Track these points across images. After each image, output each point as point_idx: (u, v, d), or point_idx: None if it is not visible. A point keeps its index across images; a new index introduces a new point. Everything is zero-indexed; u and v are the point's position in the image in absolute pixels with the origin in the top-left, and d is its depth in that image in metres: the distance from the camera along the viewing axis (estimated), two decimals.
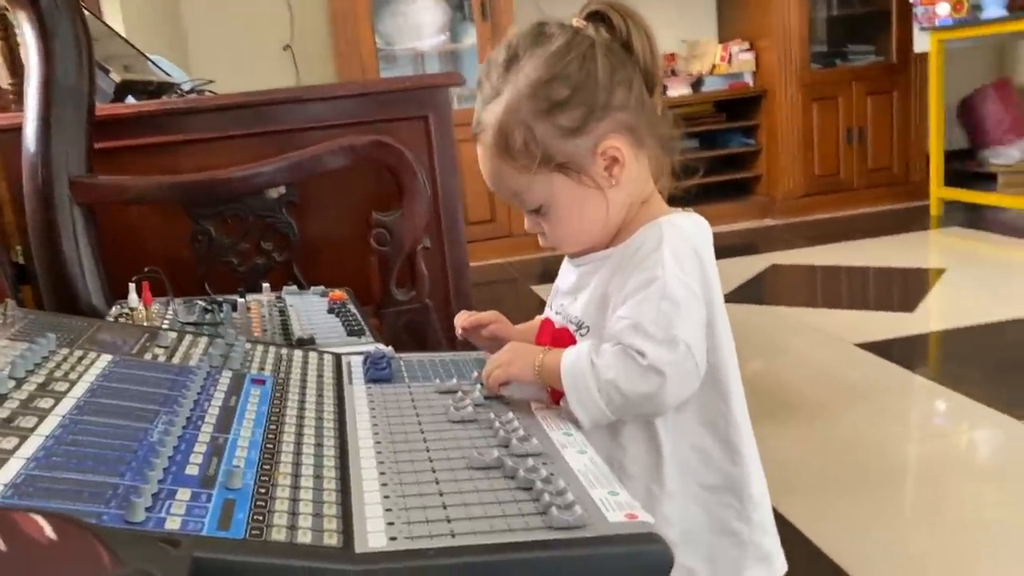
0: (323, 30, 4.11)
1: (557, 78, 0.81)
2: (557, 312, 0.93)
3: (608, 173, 0.84)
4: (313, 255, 1.52)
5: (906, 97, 4.37)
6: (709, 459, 0.85)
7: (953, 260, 3.35)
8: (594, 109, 0.82)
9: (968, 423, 1.91)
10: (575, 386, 0.78)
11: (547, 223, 0.87)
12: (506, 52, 0.84)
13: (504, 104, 0.82)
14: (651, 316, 0.77)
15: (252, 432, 0.70)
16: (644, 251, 0.82)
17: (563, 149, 0.82)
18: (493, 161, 0.85)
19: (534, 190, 0.84)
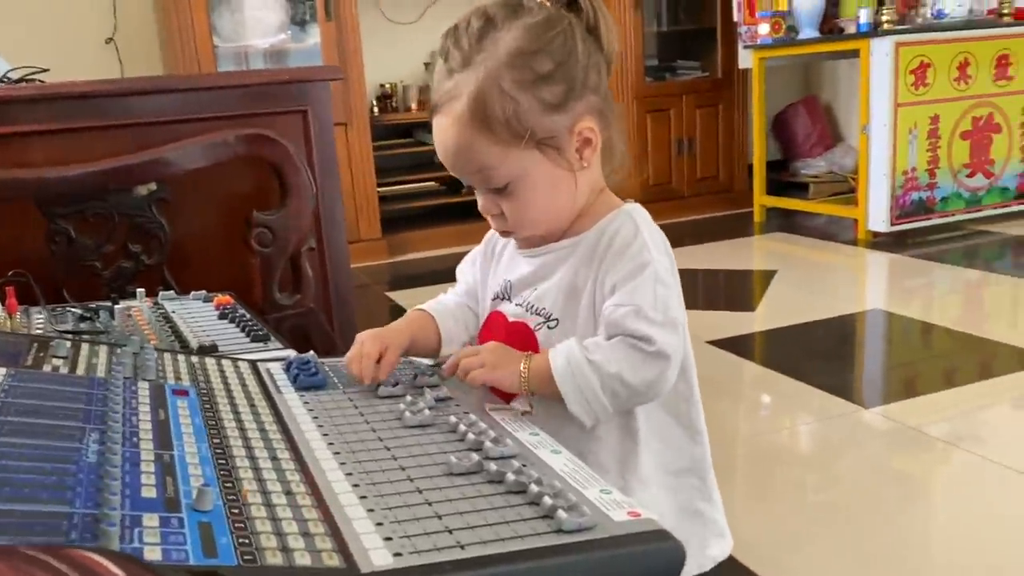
0: (150, 23, 3.84)
1: (542, 51, 0.78)
2: (517, 304, 0.89)
3: (580, 155, 0.82)
4: (183, 258, 1.40)
5: (730, 110, 4.65)
6: (673, 443, 0.86)
7: (781, 262, 3.58)
8: (574, 87, 0.80)
9: (816, 411, 2.04)
10: (576, 388, 0.77)
11: (511, 203, 0.83)
12: (480, 20, 0.79)
13: (483, 72, 0.78)
14: (649, 300, 0.77)
15: (197, 448, 0.62)
16: (623, 239, 0.81)
17: (543, 124, 0.79)
18: (463, 132, 0.79)
19: (505, 166, 0.80)
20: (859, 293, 3.25)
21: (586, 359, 0.77)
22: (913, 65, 3.53)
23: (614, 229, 0.83)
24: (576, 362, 0.77)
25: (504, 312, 0.91)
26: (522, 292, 0.89)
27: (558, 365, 0.78)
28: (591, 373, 0.77)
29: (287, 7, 3.84)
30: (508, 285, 0.92)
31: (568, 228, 0.86)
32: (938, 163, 3.68)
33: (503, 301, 0.92)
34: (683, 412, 0.87)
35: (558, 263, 0.86)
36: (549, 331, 0.85)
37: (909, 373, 2.31)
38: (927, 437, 1.84)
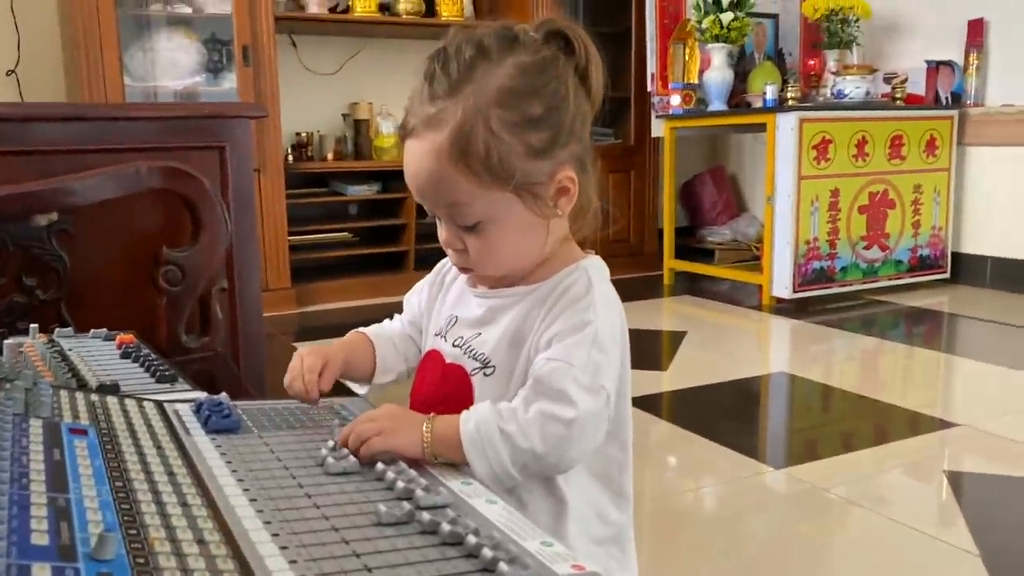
0: (55, 58, 3.70)
1: (534, 94, 0.76)
2: (455, 344, 0.85)
3: (555, 203, 0.79)
4: (82, 294, 1.32)
5: (641, 177, 4.77)
6: (601, 512, 0.82)
7: (690, 324, 3.65)
8: (560, 134, 0.77)
9: (732, 471, 2.05)
10: (483, 458, 0.72)
11: (478, 242, 0.79)
12: (474, 48, 0.76)
13: (470, 104, 0.74)
14: (582, 361, 0.74)
15: (97, 491, 0.56)
16: (574, 294, 0.78)
17: (525, 169, 0.76)
18: (441, 164, 0.75)
19: (479, 205, 0.77)
20: (764, 356, 3.33)
21: (499, 429, 0.72)
22: (816, 140, 3.70)
23: (567, 283, 0.80)
24: (487, 431, 0.72)
25: (442, 351, 0.87)
26: (463, 333, 0.86)
27: (467, 431, 0.72)
28: (502, 445, 0.72)
29: (203, 50, 3.77)
30: (452, 321, 0.88)
31: (538, 271, 0.83)
32: (838, 234, 3.84)
33: (442, 339, 0.89)
34: (614, 479, 0.84)
35: (506, 308, 0.83)
36: (485, 378, 0.82)
37: (811, 435, 2.36)
38: (829, 498, 1.86)
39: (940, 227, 4.14)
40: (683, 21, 4.32)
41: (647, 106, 4.51)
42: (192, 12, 3.71)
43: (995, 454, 2.12)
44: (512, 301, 0.83)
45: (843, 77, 4.00)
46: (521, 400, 0.75)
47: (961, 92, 4.15)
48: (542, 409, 0.73)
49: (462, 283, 0.89)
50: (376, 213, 4.24)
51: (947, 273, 4.20)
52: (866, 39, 4.33)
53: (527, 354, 0.79)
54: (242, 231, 1.49)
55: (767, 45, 4.60)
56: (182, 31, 3.73)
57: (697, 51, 4.32)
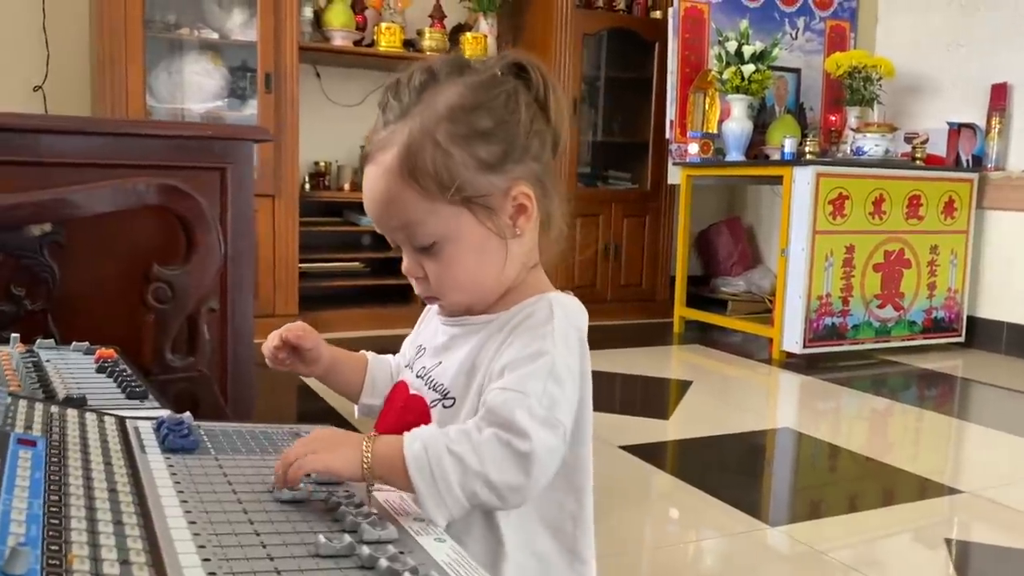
0: (83, 77, 3.76)
1: (482, 107, 0.76)
2: (418, 375, 0.84)
3: (513, 222, 0.78)
4: (70, 307, 1.31)
5: (656, 222, 4.76)
6: (548, 566, 0.78)
7: (697, 374, 3.61)
8: (513, 149, 0.77)
9: (729, 527, 2.00)
10: (430, 481, 0.67)
11: (436, 264, 0.78)
12: (423, 74, 0.77)
13: (418, 123, 0.75)
14: (537, 392, 0.71)
15: (28, 504, 0.54)
16: (532, 323, 0.76)
17: (476, 183, 0.76)
18: (391, 183, 0.76)
19: (432, 222, 0.76)
20: (770, 411, 3.28)
21: (447, 449, 0.69)
22: (832, 196, 3.68)
23: (527, 312, 0.78)
24: (435, 452, 0.68)
25: (408, 382, 0.87)
26: (426, 363, 0.85)
27: (413, 451, 0.68)
28: (451, 466, 0.68)
29: (227, 75, 3.82)
30: (420, 351, 0.88)
31: (493, 304, 0.82)
32: (851, 291, 3.80)
33: (408, 369, 0.88)
34: (567, 533, 0.81)
35: (465, 336, 0.82)
36: (444, 410, 0.80)
37: (815, 495, 2.31)
38: (828, 560, 1.81)
39: (956, 290, 4.09)
40: (704, 71, 4.34)
41: (665, 153, 4.52)
42: (219, 38, 3.77)
43: (1001, 524, 2.06)
44: (472, 330, 0.82)
45: (863, 134, 4.00)
46: (472, 425, 0.71)
47: (982, 155, 4.12)
48: (496, 435, 0.70)
49: (434, 314, 0.88)
50: (387, 245, 4.22)
51: (961, 337, 4.14)
52: (888, 98, 4.33)
53: (479, 383, 0.78)
54: (238, 253, 1.48)
55: (788, 98, 4.61)
56: (208, 56, 3.79)
57: (717, 101, 4.34)
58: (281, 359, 0.89)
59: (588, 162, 4.85)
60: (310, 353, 0.90)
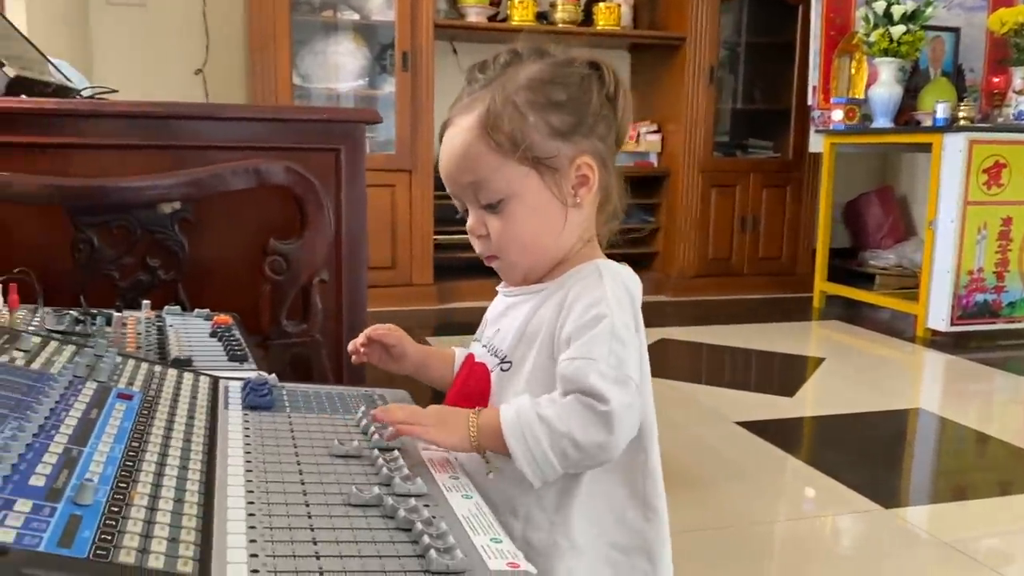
0: (239, 59, 4.03)
1: (558, 82, 0.83)
2: (484, 345, 0.91)
3: (575, 191, 0.84)
4: (200, 277, 1.45)
5: (798, 193, 4.60)
6: (623, 517, 0.83)
7: (832, 351, 3.49)
8: (582, 123, 0.83)
9: (840, 507, 1.97)
10: (524, 445, 0.75)
11: (500, 222, 0.84)
12: (508, 54, 0.85)
13: (499, 90, 0.82)
14: (603, 354, 0.76)
15: (111, 448, 0.64)
16: (582, 288, 0.82)
17: (546, 146, 0.82)
18: (469, 140, 0.83)
19: (501, 179, 0.82)
20: (907, 391, 3.13)
21: (536, 414, 0.76)
22: (987, 164, 3.44)
23: (576, 278, 0.84)
24: (526, 417, 0.76)
25: (474, 353, 0.93)
26: (488, 332, 0.91)
27: (507, 419, 0.76)
28: (540, 430, 0.75)
29: (367, 55, 3.99)
30: (484, 324, 0.94)
31: (548, 273, 0.87)
32: (1007, 266, 3.56)
33: (476, 342, 0.94)
34: (638, 483, 0.84)
35: (521, 304, 0.87)
36: (502, 373, 0.86)
37: (950, 482, 2.21)
38: (961, 554, 1.74)
39: None
40: (850, 33, 4.13)
41: (807, 120, 4.34)
42: (360, 18, 3.95)
43: None
44: (526, 299, 0.87)
45: None
46: (556, 394, 0.78)
47: None
48: (577, 399, 0.76)
49: (502, 286, 0.94)
50: None
51: None
52: None
53: (538, 350, 0.83)
54: (352, 228, 1.59)
55: (944, 60, 4.32)
56: (350, 36, 3.97)
57: (864, 65, 4.13)
58: (362, 353, 0.97)
59: (726, 131, 4.74)
60: (394, 350, 0.97)
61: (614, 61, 0.88)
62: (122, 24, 3.92)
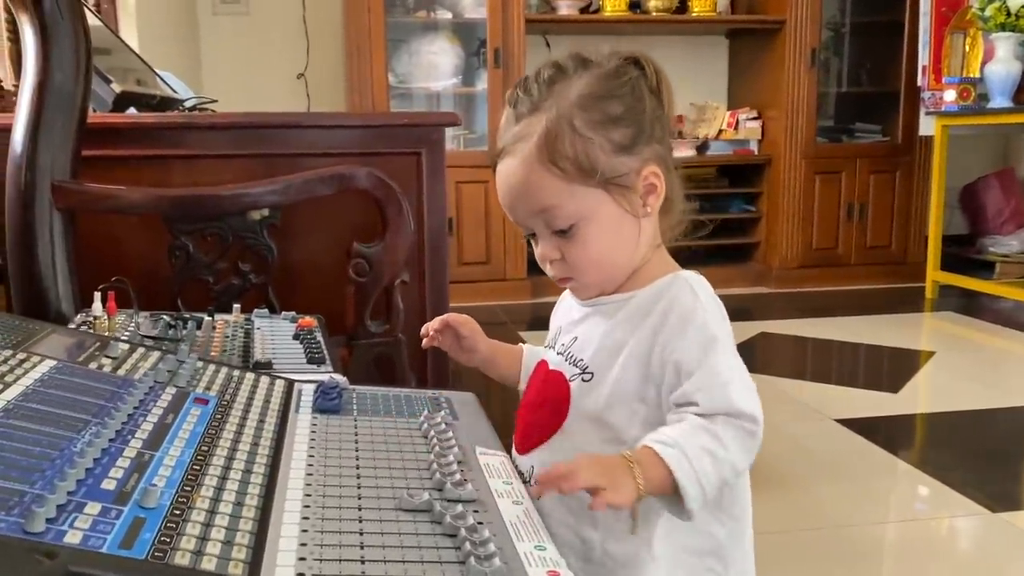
0: (338, 63, 4.15)
1: (612, 96, 0.81)
2: (559, 352, 0.89)
3: (643, 201, 0.83)
4: (290, 280, 1.51)
5: (908, 178, 4.40)
6: (696, 524, 0.81)
7: (944, 344, 3.33)
8: (642, 132, 0.82)
9: (942, 510, 1.88)
10: (698, 486, 0.72)
11: (573, 246, 0.82)
12: (551, 69, 0.82)
13: (553, 113, 0.80)
14: (730, 371, 0.77)
15: (181, 452, 0.68)
16: (683, 309, 0.80)
17: (612, 164, 0.80)
18: (530, 171, 0.80)
19: (571, 205, 0.80)
20: None
21: (700, 448, 0.73)
22: None
23: (671, 296, 0.82)
24: (692, 454, 0.72)
25: (548, 360, 0.92)
26: (565, 340, 0.90)
27: (674, 460, 0.72)
28: (709, 464, 0.73)
29: (462, 53, 4.05)
30: (558, 331, 0.92)
31: (632, 280, 0.86)
32: None
33: (549, 349, 0.93)
34: None
35: (604, 316, 0.86)
36: (583, 383, 0.84)
37: None
38: None
39: None
40: (963, 8, 3.92)
41: (917, 101, 4.15)
42: (452, 17, 4.00)
43: None
44: (610, 309, 0.85)
45: None
46: (701, 420, 0.75)
47: None
48: (727, 421, 0.75)
49: (569, 300, 0.93)
50: None
51: None
52: None
53: (625, 364, 0.81)
54: (433, 230, 1.62)
55: None
56: (444, 35, 4.03)
57: (980, 41, 3.91)
58: (432, 336, 1.00)
59: (830, 115, 4.57)
60: (466, 342, 0.99)
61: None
62: (228, 33, 4.10)
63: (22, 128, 1.30)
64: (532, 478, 0.82)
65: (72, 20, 1.31)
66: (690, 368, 0.77)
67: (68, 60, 1.32)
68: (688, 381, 0.77)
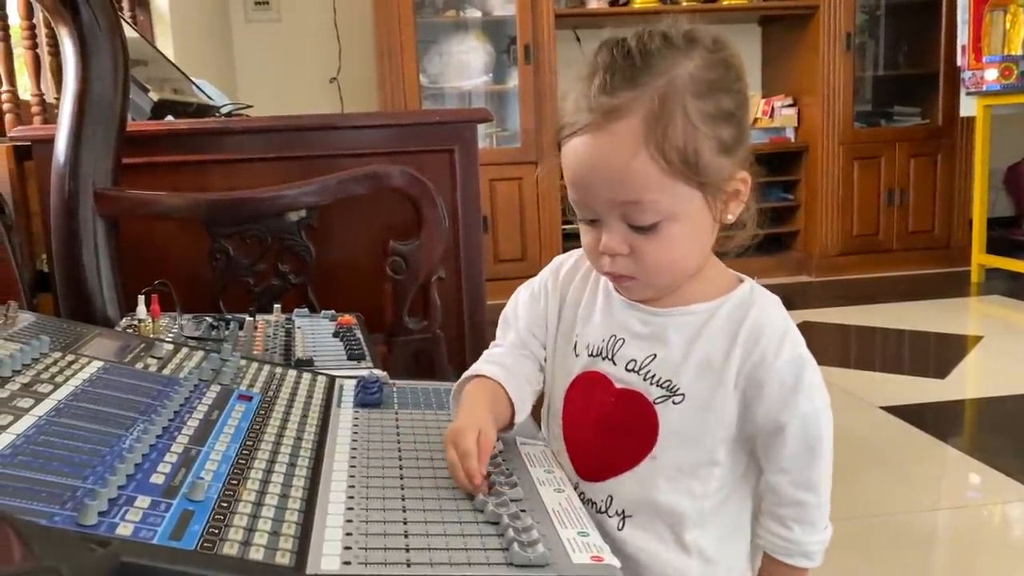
0: (370, 65, 4.18)
1: (726, 89, 0.73)
2: (629, 369, 0.78)
3: (725, 206, 0.75)
4: (329, 279, 1.53)
5: (950, 161, 4.31)
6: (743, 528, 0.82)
7: (991, 328, 3.26)
8: (744, 133, 0.74)
9: (994, 495, 1.84)
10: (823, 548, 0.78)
11: (651, 244, 0.73)
12: (659, 39, 0.71)
13: (662, 91, 0.69)
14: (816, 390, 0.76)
15: (227, 446, 0.69)
16: (774, 331, 0.76)
17: (714, 164, 0.72)
18: (631, 157, 0.69)
19: (664, 200, 0.71)
20: None
21: (827, 538, 0.78)
22: None
23: (758, 315, 0.76)
24: (825, 544, 0.78)
25: (609, 375, 0.79)
26: (635, 355, 0.78)
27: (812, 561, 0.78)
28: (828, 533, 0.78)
29: (492, 50, 4.05)
30: (617, 341, 0.80)
31: (688, 290, 0.78)
32: None
33: (605, 360, 0.80)
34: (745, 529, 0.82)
35: (682, 330, 0.77)
36: (674, 407, 0.76)
37: None
38: None
39: None
40: None
41: (957, 82, 4.06)
42: (481, 15, 4.00)
43: None
44: (687, 322, 0.77)
45: None
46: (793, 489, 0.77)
47: None
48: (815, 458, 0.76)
49: (604, 295, 0.82)
50: None
51: None
52: None
53: (709, 380, 0.76)
54: (468, 226, 1.63)
55: None
56: (474, 33, 4.04)
57: (1021, 18, 3.81)
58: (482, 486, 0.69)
59: (867, 100, 4.49)
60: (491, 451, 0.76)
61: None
62: (261, 39, 4.15)
63: (64, 138, 1.33)
64: (612, 509, 0.78)
65: (109, 31, 1.34)
66: (781, 393, 0.75)
67: (107, 70, 1.34)
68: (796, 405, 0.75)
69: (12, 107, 1.85)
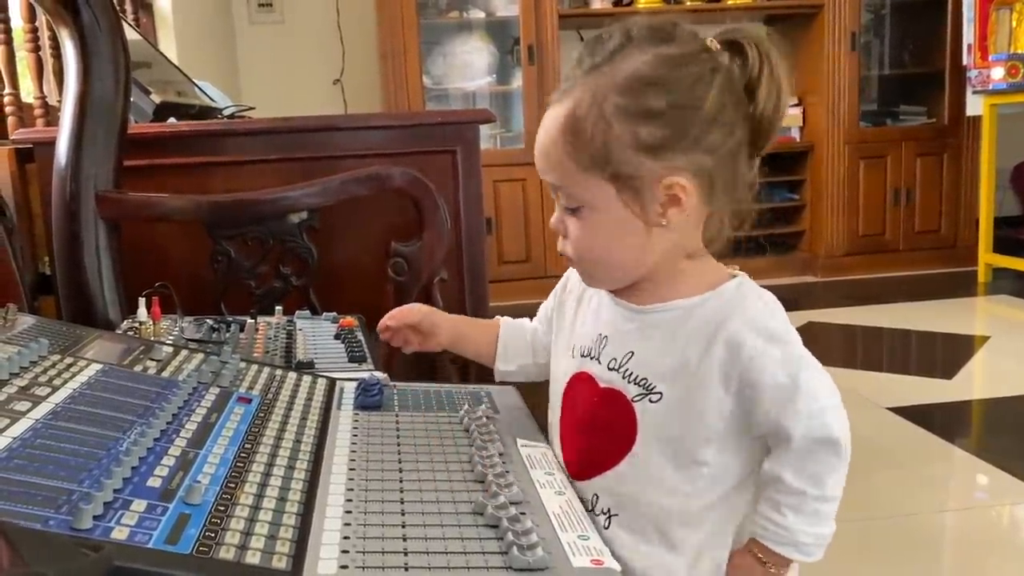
0: (373, 67, 4.18)
1: (659, 85, 0.71)
2: (610, 367, 0.78)
3: (663, 211, 0.74)
4: (330, 281, 1.52)
5: (957, 160, 4.29)
6: None
7: (999, 328, 3.24)
8: (680, 138, 0.72)
9: (1001, 496, 1.83)
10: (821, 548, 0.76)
11: (577, 229, 0.77)
12: (620, 37, 0.74)
13: (591, 87, 0.73)
14: (820, 387, 0.73)
15: (225, 450, 0.69)
16: (757, 323, 0.73)
17: (628, 161, 0.72)
18: (552, 139, 0.75)
19: (576, 187, 0.75)
20: None
21: (814, 517, 0.74)
22: None
23: (744, 313, 0.74)
24: (812, 535, 0.75)
25: (594, 374, 0.80)
26: (615, 353, 0.79)
27: (809, 555, 0.76)
28: (823, 527, 0.75)
29: (496, 51, 4.05)
30: (602, 340, 0.80)
31: (667, 289, 0.77)
32: None
33: (592, 360, 0.81)
34: None
35: (663, 328, 0.77)
36: (651, 405, 0.75)
37: None
38: None
39: None
40: None
41: (963, 81, 4.04)
42: (485, 16, 4.00)
43: None
44: (667, 320, 0.77)
45: None
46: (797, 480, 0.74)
47: None
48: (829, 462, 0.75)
49: (600, 298, 0.83)
50: None
51: None
52: None
53: (686, 380, 0.74)
54: (471, 227, 1.62)
55: None
56: (477, 34, 4.04)
57: None
58: (387, 337, 1.00)
59: (873, 99, 4.48)
60: (422, 324, 0.98)
61: None
62: (264, 41, 4.16)
63: (65, 140, 1.33)
64: (599, 507, 0.77)
65: (110, 32, 1.34)
66: (778, 394, 0.72)
67: (108, 71, 1.34)
68: (795, 405, 0.72)
69: (14, 110, 1.85)
